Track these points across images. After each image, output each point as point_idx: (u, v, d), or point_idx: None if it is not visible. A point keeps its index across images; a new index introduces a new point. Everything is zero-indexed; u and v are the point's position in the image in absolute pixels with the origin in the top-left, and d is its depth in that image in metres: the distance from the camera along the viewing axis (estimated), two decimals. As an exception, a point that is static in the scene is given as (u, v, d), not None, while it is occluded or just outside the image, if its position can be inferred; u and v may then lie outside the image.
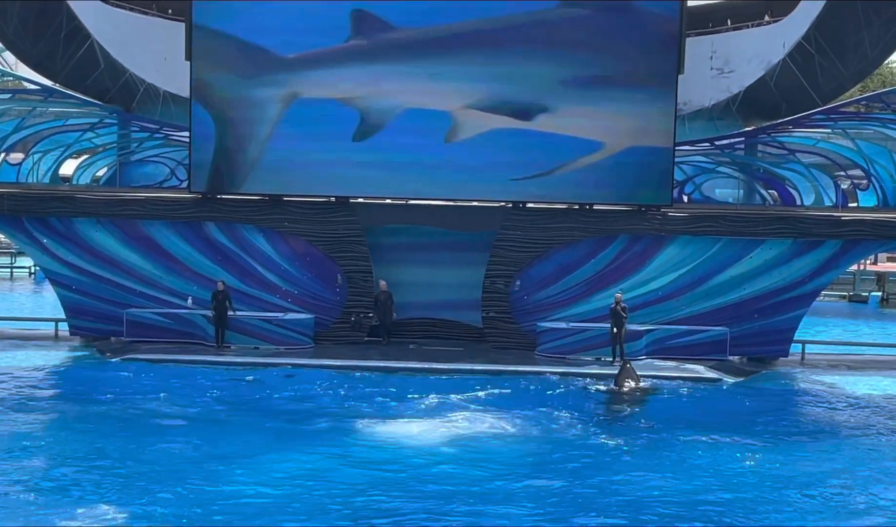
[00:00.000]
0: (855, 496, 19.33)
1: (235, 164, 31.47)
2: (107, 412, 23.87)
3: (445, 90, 30.76)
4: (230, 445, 21.40)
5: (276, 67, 30.96)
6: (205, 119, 31.24)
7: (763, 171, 33.80)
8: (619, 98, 30.61)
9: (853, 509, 18.63)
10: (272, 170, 31.23)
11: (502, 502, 18.37)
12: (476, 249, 31.72)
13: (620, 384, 27.09)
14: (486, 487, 19.20)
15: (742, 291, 31.30)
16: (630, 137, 30.68)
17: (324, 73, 30.97)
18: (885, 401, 27.61)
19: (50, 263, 32.24)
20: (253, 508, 17.78)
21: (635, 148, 30.67)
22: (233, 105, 31.26)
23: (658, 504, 18.50)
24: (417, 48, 30.84)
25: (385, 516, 17.62)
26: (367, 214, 31.83)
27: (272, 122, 31.18)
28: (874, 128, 32.61)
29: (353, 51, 30.87)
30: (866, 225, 30.98)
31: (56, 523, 16.74)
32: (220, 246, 31.72)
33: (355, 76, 30.95)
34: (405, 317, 32.27)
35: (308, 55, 30.98)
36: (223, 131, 31.26)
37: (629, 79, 30.65)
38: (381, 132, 31.00)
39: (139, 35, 34.30)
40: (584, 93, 30.68)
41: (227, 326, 30.60)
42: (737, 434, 23.23)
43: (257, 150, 31.24)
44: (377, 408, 24.73)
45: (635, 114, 30.59)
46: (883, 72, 63.84)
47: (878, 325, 42.37)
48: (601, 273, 31.37)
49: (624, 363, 27.82)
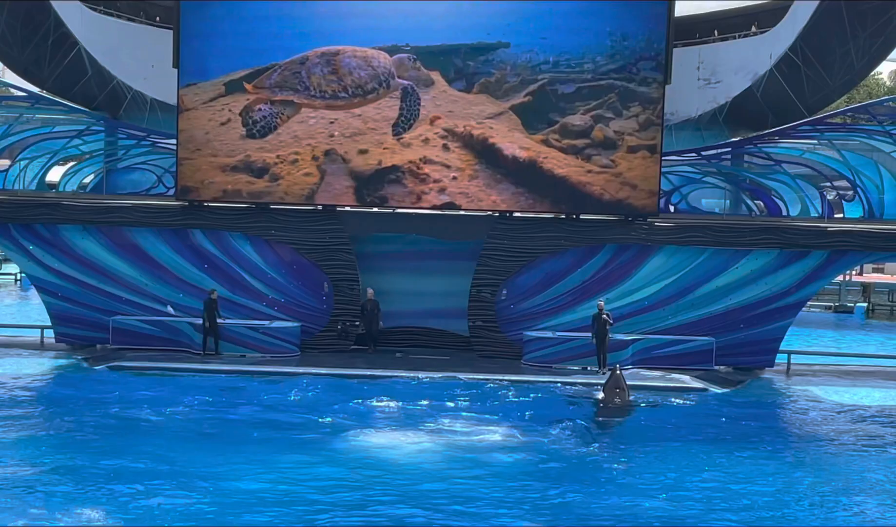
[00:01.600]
0: (833, 508, 19.38)
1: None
2: (87, 419, 23.80)
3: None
4: (211, 453, 21.37)
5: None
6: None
7: (749, 181, 33.86)
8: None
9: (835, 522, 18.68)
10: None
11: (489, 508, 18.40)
12: (463, 257, 31.72)
13: (609, 394, 26.99)
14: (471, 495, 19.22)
15: (728, 301, 31.36)
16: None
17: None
18: (870, 411, 27.65)
19: (36, 270, 32.15)
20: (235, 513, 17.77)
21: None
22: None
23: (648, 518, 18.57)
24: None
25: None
26: (354, 223, 31.81)
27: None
28: (860, 139, 32.64)
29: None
30: (852, 236, 31.07)
31: (55, 523, 16.72)
32: (206, 254, 31.68)
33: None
34: (392, 325, 32.25)
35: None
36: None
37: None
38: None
39: (126, 42, 34.29)
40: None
41: (220, 336, 30.54)
42: (721, 443, 23.27)
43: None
44: (361, 416, 24.69)
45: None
46: (869, 83, 64.21)
47: (863, 335, 42.42)
48: (588, 283, 31.40)
49: (613, 371, 27.73)
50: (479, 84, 30.88)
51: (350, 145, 30.92)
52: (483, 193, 30.97)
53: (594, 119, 30.85)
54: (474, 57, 30.87)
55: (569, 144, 30.87)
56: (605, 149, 30.88)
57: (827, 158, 32.76)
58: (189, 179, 31.24)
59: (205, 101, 31.12)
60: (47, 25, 33.57)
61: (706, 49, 34.37)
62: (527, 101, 30.92)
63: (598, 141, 30.85)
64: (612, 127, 30.85)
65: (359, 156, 30.92)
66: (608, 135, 30.86)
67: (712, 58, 34.29)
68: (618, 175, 30.83)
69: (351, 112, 30.82)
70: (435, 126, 30.90)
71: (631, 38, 30.64)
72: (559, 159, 30.81)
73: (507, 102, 30.86)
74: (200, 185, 31.19)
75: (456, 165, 30.98)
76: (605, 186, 30.85)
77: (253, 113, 30.92)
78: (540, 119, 30.94)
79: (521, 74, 30.81)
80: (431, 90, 30.93)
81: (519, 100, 30.92)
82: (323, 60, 30.76)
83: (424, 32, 30.86)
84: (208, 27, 31.03)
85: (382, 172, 30.99)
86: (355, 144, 30.94)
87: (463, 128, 30.85)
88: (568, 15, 30.69)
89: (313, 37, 30.84)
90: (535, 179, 30.87)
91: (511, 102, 30.86)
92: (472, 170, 30.99)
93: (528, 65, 30.77)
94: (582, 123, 30.89)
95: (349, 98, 30.81)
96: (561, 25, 30.72)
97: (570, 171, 30.82)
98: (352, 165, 30.95)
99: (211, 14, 31.09)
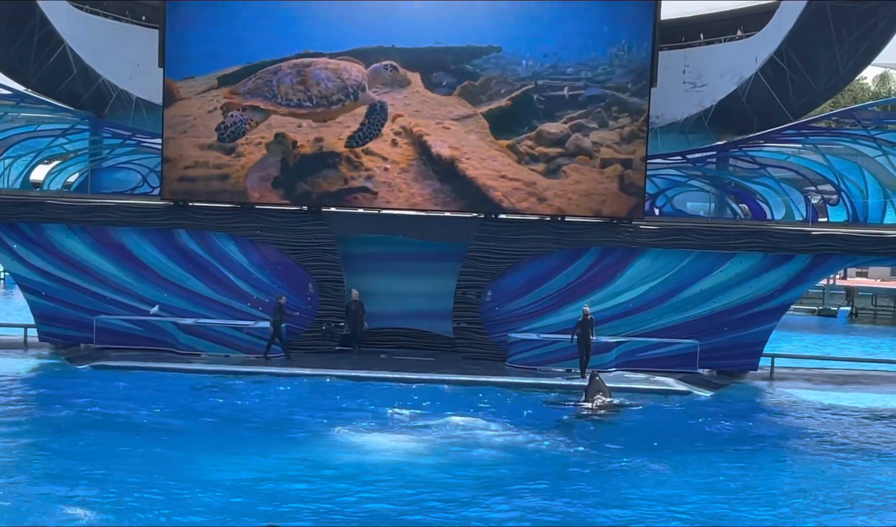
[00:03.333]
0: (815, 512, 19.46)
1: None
2: (69, 418, 23.69)
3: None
4: (193, 451, 21.33)
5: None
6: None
7: (734, 185, 33.98)
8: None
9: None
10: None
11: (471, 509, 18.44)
12: (448, 259, 31.73)
13: (591, 397, 26.99)
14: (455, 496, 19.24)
15: (712, 305, 31.42)
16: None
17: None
18: (853, 414, 27.75)
19: (20, 269, 32.01)
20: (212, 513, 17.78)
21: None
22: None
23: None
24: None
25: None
26: (339, 224, 31.80)
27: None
28: (845, 143, 32.81)
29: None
30: (836, 240, 31.17)
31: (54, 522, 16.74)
32: (191, 253, 31.61)
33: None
34: (377, 326, 32.24)
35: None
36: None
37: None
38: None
39: (112, 41, 34.26)
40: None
41: (285, 340, 30.77)
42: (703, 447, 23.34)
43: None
44: (345, 417, 24.64)
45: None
46: (854, 88, 64.46)
47: (846, 339, 42.59)
48: (572, 285, 31.43)
49: (592, 375, 27.76)
50: (462, 87, 30.92)
51: (310, 132, 31.10)
52: (405, 185, 31.10)
53: (573, 128, 30.91)
54: (465, 60, 30.90)
55: (542, 152, 30.93)
56: (572, 158, 31.06)
57: (811, 162, 32.91)
58: (173, 153, 31.19)
59: (198, 92, 31.12)
60: (33, 24, 33.54)
61: (692, 52, 34.47)
62: (506, 106, 30.97)
63: (572, 151, 30.95)
64: (592, 137, 30.94)
65: (310, 142, 31.12)
66: (584, 145, 30.94)
67: (698, 61, 34.41)
68: (531, 184, 30.98)
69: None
70: (395, 123, 31.04)
71: (625, 49, 30.66)
72: (478, 162, 30.96)
73: (484, 107, 30.92)
74: (178, 157, 31.16)
75: (393, 158, 31.07)
76: (510, 194, 31.02)
77: (225, 119, 30.99)
78: (519, 124, 30.99)
79: (508, 79, 30.85)
80: (405, 90, 30.98)
81: (497, 104, 30.96)
82: (294, 70, 30.95)
83: (414, 34, 30.88)
84: (195, 27, 30.98)
85: (323, 155, 31.12)
86: (315, 132, 31.12)
87: (417, 127, 30.97)
88: (563, 21, 30.73)
89: (300, 37, 30.88)
90: (455, 179, 31.07)
91: (488, 107, 30.93)
92: (408, 164, 31.07)
93: (515, 70, 30.80)
94: (558, 131, 30.93)
95: (313, 107, 30.94)
96: (555, 31, 30.77)
97: (481, 173, 30.96)
98: (298, 147, 31.17)
99: (197, 14, 31.03)
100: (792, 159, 33.37)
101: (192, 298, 31.56)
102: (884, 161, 32.43)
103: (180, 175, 31.21)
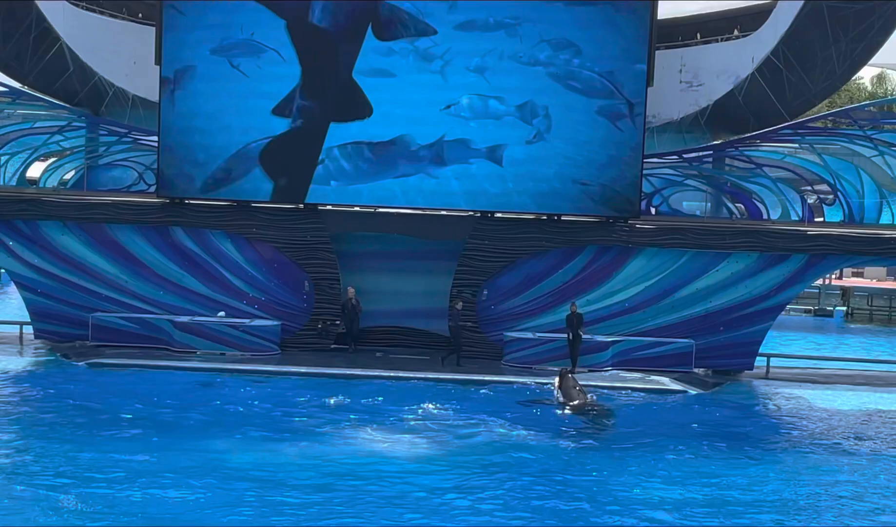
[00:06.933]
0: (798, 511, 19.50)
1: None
2: (63, 415, 23.74)
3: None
4: (187, 450, 21.32)
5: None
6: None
7: (730, 184, 33.97)
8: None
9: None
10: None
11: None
12: (444, 257, 31.72)
13: (566, 396, 26.83)
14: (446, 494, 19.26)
15: (708, 304, 31.43)
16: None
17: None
18: (848, 415, 27.78)
19: (15, 266, 31.98)
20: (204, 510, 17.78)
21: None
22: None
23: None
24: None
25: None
26: (335, 222, 31.78)
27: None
28: (841, 143, 32.77)
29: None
30: (832, 240, 31.19)
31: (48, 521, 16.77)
32: (187, 251, 31.59)
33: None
34: (372, 325, 32.23)
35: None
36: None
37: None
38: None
39: (109, 38, 34.25)
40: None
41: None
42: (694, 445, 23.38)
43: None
44: (340, 415, 24.66)
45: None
46: (850, 88, 64.48)
47: (842, 339, 42.61)
48: (568, 284, 31.42)
49: (563, 373, 27.57)
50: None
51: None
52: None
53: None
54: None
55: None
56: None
57: (808, 162, 32.88)
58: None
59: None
60: (29, 20, 33.46)
61: (689, 52, 34.46)
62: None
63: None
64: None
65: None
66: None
67: (695, 60, 34.41)
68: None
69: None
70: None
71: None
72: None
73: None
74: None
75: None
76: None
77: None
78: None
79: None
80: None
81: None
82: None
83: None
84: (191, 24, 30.92)
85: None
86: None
87: None
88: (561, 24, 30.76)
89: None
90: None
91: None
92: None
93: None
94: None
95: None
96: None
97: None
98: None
99: (193, 11, 30.97)
100: (788, 159, 33.32)
101: (188, 296, 31.54)
102: (880, 161, 32.43)
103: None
